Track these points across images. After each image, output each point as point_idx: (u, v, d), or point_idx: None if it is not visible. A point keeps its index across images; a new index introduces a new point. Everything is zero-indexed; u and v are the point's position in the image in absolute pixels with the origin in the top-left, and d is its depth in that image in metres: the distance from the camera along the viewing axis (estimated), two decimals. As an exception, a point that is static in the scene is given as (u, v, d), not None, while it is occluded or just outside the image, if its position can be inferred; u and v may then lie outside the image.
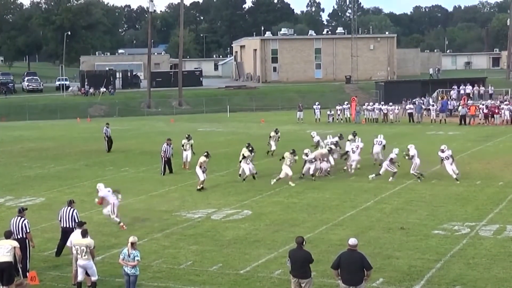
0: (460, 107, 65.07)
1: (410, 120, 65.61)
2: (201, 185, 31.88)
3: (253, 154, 35.06)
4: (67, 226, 20.94)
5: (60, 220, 21.42)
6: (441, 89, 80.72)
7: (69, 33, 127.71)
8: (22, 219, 19.58)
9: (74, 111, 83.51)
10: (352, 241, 15.75)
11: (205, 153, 32.97)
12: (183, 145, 38.92)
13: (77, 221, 20.30)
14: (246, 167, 34.11)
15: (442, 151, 33.09)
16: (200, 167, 31.96)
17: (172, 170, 37.28)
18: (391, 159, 33.08)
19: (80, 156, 45.05)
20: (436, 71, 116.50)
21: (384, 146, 37.71)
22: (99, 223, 25.00)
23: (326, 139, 39.41)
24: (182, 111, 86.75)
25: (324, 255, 20.12)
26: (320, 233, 23.39)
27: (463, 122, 61.64)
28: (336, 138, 39.26)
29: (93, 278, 17.72)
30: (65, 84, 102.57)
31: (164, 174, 36.72)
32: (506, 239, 22.22)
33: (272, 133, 43.90)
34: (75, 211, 21.39)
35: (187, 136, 39.88)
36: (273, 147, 43.15)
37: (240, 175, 34.61)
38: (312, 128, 56.48)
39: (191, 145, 38.94)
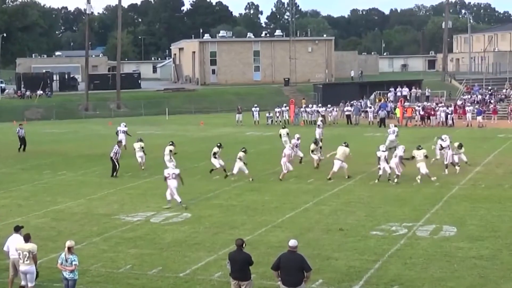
0: (380, 111, 65.96)
1: (348, 122, 66.26)
2: (226, 172, 34.90)
3: (220, 149, 36.92)
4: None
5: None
6: (378, 92, 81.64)
7: (5, 34, 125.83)
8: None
9: (10, 114, 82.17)
10: (292, 242, 15.85)
11: (218, 144, 36.80)
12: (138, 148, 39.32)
13: None
14: (216, 162, 36.03)
15: (443, 140, 33.97)
16: (215, 157, 35.45)
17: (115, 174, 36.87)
18: (400, 156, 33.13)
19: (17, 160, 44.44)
20: (359, 73, 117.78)
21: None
22: (36, 227, 24.66)
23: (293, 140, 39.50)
24: (120, 113, 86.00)
25: (263, 257, 20.20)
26: (259, 235, 23.48)
27: (382, 125, 62.30)
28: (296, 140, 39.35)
29: (30, 284, 17.46)
30: (1, 86, 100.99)
31: (114, 176, 36.38)
32: (442, 239, 22.59)
33: (215, 149, 37.53)
34: None
35: (140, 139, 40.42)
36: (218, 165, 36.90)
37: (211, 170, 36.12)
38: (250, 130, 56.65)
39: (142, 147, 39.21)
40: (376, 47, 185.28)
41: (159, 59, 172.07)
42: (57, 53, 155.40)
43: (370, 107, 69.76)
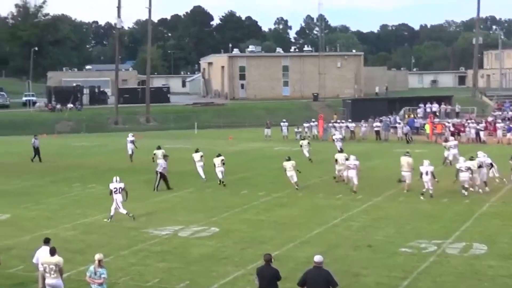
0: (403, 126, 65.75)
1: (377, 138, 65.92)
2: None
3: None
4: None
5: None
6: (408, 107, 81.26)
7: (36, 48, 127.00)
8: (-13, 236, 19.37)
9: (41, 127, 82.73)
10: (318, 258, 15.77)
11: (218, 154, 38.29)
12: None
13: None
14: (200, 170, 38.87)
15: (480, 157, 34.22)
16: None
17: (167, 186, 36.62)
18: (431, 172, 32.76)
19: (46, 172, 44.69)
20: (384, 89, 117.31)
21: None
22: (65, 240, 24.76)
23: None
24: (150, 127, 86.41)
25: (291, 273, 20.08)
26: (287, 251, 23.38)
27: (407, 141, 62.19)
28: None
29: (60, 297, 17.51)
30: (32, 99, 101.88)
31: (156, 190, 36.25)
32: (472, 256, 22.36)
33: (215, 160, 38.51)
34: None
35: (159, 146, 42.58)
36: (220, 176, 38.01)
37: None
38: (279, 145, 56.64)
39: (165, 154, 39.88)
40: (405, 62, 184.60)
41: (188, 73, 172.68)
42: (88, 67, 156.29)
43: (399, 123, 69.35)
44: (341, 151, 40.35)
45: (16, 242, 24.98)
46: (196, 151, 40.55)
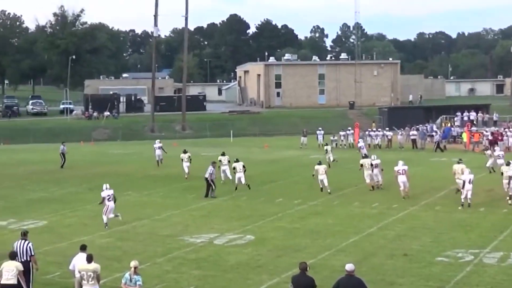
0: (435, 134, 65.26)
1: (413, 147, 65.44)
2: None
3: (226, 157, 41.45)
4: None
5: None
6: (444, 116, 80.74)
7: (74, 57, 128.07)
8: (26, 242, 19.51)
9: (78, 134, 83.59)
10: (349, 266, 15.77)
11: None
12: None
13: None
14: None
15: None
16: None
17: (206, 194, 36.76)
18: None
19: (83, 180, 45.02)
20: (419, 98, 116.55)
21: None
22: (101, 247, 24.92)
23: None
24: (186, 135, 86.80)
25: (327, 281, 19.97)
26: (323, 259, 23.31)
27: (438, 149, 61.72)
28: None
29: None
30: (69, 107, 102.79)
31: (207, 196, 36.43)
32: (510, 266, 22.10)
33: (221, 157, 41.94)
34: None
35: (185, 150, 44.89)
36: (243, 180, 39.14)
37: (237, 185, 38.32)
38: (314, 153, 56.57)
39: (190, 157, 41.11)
40: (442, 71, 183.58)
41: (224, 81, 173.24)
42: (124, 75, 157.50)
43: (436, 132, 68.85)
44: (365, 156, 40.55)
45: (53, 248, 25.20)
46: (223, 154, 42.26)
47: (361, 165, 38.62)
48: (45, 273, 21.60)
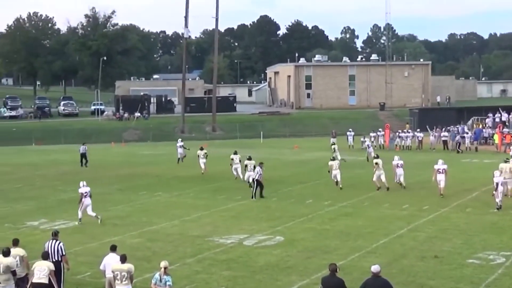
0: (457, 136, 64.84)
1: (444, 148, 64.99)
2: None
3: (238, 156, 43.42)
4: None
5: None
6: (476, 117, 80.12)
7: (105, 58, 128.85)
8: (58, 242, 19.64)
9: (109, 135, 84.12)
10: (375, 267, 15.77)
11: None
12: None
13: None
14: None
15: None
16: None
17: (260, 194, 36.71)
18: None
19: (114, 180, 45.28)
20: (446, 99, 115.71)
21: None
22: (131, 247, 25.02)
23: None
24: (216, 136, 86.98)
25: (356, 283, 19.83)
26: (352, 261, 23.23)
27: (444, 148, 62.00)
28: None
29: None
30: (100, 108, 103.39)
31: (254, 198, 36.38)
32: (542, 269, 21.90)
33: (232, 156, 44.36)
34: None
35: (201, 147, 47.68)
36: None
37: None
38: (345, 154, 56.43)
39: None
40: (474, 72, 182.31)
41: (255, 82, 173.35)
42: (155, 76, 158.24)
43: (467, 133, 68.30)
44: (377, 157, 40.80)
45: (84, 248, 25.35)
46: (235, 153, 44.51)
47: (376, 164, 39.00)
48: (76, 273, 21.74)
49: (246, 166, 40.16)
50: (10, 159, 56.27)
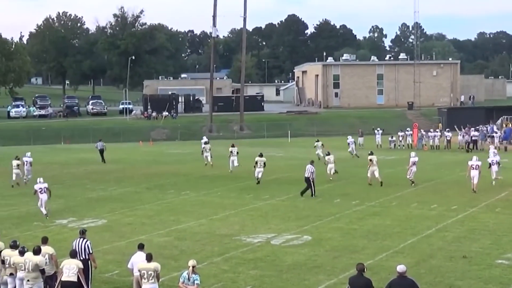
0: (466, 134, 64.42)
1: (473, 147, 64.53)
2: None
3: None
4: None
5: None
6: (505, 116, 79.51)
7: (133, 57, 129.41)
8: (85, 240, 19.75)
9: (137, 134, 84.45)
10: (401, 267, 15.75)
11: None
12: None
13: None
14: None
15: None
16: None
17: (302, 192, 36.78)
18: None
19: (142, 179, 45.45)
20: (470, 98, 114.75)
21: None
22: (159, 246, 25.11)
23: None
24: (243, 135, 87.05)
25: (384, 283, 19.74)
26: (380, 260, 23.14)
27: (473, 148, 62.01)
28: None
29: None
30: (129, 107, 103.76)
31: (314, 196, 36.37)
32: None
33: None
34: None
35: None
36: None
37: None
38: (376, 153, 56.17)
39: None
40: (503, 71, 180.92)
41: (282, 82, 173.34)
42: (183, 75, 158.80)
43: (496, 132, 67.81)
44: (371, 153, 41.84)
45: (112, 247, 25.47)
46: (232, 146, 48.00)
47: (370, 160, 40.34)
48: (104, 271, 21.86)
49: (256, 162, 41.03)
50: (40, 158, 56.56)
